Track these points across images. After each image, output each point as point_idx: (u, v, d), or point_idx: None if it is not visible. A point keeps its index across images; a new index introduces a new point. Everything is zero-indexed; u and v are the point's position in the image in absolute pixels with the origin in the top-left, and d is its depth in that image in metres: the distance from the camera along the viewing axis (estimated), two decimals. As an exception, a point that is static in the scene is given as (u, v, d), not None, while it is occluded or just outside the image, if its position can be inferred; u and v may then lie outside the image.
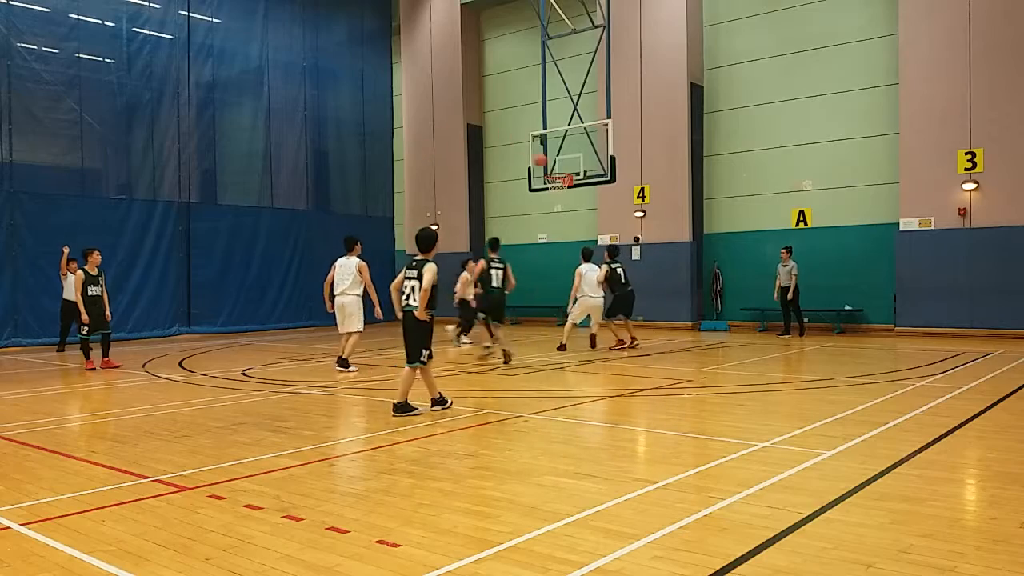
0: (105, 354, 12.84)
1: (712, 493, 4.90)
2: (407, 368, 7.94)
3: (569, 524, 4.31)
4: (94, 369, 12.45)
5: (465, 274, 15.26)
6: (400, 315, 8.01)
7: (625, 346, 14.79)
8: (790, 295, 16.76)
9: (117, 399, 9.64)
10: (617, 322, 15.12)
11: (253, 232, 21.11)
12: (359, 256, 11.98)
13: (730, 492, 4.86)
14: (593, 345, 14.73)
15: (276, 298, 21.63)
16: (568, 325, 14.78)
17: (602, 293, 14.55)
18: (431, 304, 7.82)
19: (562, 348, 14.51)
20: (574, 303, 14.55)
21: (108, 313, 12.81)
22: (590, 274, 14.42)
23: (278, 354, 15.10)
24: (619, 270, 14.80)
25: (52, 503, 4.95)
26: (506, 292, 12.73)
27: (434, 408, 8.11)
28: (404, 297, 7.95)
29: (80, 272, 12.34)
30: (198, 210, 20.03)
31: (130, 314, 18.48)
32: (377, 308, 11.92)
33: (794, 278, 16.73)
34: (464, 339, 15.83)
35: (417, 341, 7.88)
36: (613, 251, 15.07)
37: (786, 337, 16.88)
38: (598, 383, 10.85)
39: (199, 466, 5.88)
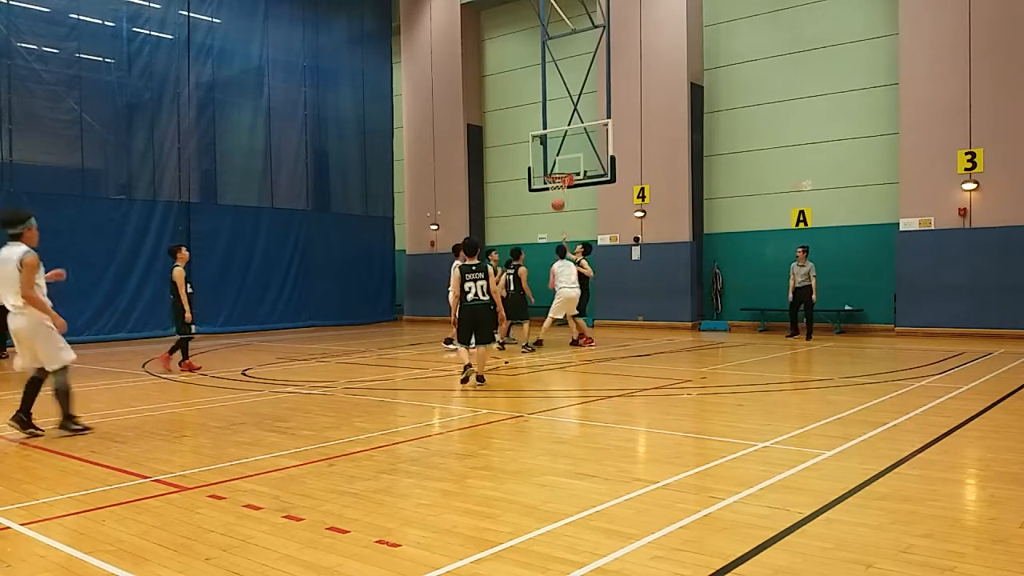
0: (179, 355, 12.44)
1: (712, 493, 4.90)
2: (483, 348, 9.84)
3: (569, 524, 4.31)
4: (199, 368, 12.27)
5: (524, 269, 15.62)
6: (456, 311, 9.90)
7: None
8: (814, 296, 16.06)
9: (117, 399, 9.63)
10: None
11: (253, 232, 21.10)
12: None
13: (730, 492, 4.86)
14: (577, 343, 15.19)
15: (276, 298, 21.63)
16: (548, 321, 15.27)
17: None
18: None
19: (538, 344, 15.02)
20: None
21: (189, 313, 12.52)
22: (567, 269, 15.04)
23: (278, 354, 15.09)
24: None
25: (52, 503, 4.96)
26: None
27: (479, 382, 9.81)
28: (472, 295, 9.73)
29: (179, 269, 11.98)
30: (198, 210, 20.03)
31: (130, 314, 18.49)
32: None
33: (813, 279, 16.05)
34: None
35: (491, 326, 10.00)
36: (562, 250, 15.52)
37: (795, 338, 16.39)
38: (598, 383, 10.85)
39: (199, 466, 5.88)
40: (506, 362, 12.64)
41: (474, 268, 9.82)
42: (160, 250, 19.11)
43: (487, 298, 9.79)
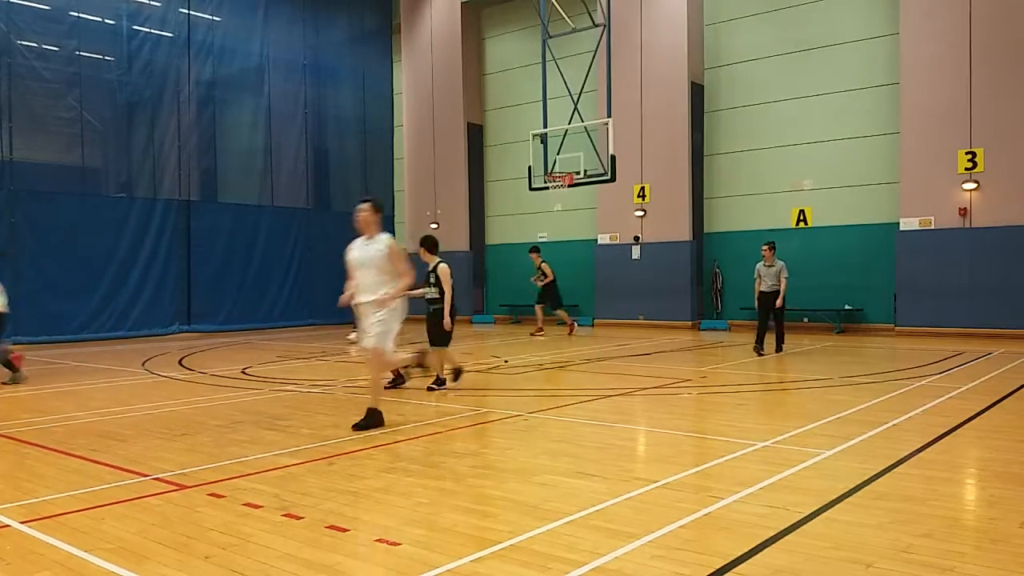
0: None
1: (712, 492, 4.90)
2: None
3: (569, 523, 4.31)
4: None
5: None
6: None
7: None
8: (779, 302, 13.23)
9: (117, 397, 9.63)
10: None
11: (253, 230, 21.10)
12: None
13: (730, 491, 4.86)
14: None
15: (276, 296, 21.63)
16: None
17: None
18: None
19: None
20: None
21: None
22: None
23: (278, 352, 15.09)
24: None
25: (52, 501, 4.95)
26: None
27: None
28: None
29: None
30: (198, 208, 20.03)
31: (130, 312, 18.49)
32: None
33: (784, 281, 13.26)
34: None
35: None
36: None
37: (763, 354, 13.25)
38: (598, 382, 10.85)
39: (199, 464, 5.88)
40: (506, 361, 12.63)
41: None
42: (160, 248, 19.15)
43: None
